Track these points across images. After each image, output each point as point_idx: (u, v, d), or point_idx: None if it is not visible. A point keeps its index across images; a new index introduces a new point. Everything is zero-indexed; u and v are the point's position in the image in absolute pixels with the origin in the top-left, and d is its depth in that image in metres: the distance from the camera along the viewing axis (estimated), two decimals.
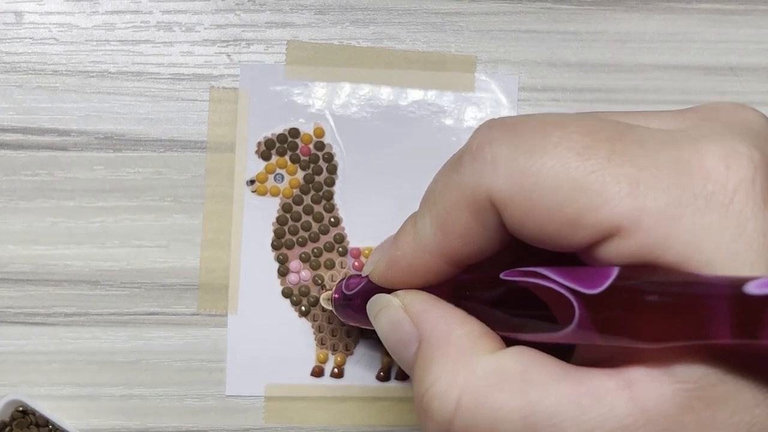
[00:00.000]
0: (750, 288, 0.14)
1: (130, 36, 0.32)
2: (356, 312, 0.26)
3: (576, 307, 0.17)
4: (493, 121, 0.19)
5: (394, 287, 0.22)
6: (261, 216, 0.33)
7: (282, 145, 0.33)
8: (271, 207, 0.33)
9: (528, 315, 0.19)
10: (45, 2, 0.32)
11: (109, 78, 0.32)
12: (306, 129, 0.33)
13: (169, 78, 0.33)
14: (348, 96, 0.33)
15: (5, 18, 0.32)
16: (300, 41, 0.33)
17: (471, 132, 0.33)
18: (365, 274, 0.24)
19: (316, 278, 0.33)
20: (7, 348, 0.32)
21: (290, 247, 0.33)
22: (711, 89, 0.34)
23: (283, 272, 0.33)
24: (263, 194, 0.33)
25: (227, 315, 0.33)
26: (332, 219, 0.33)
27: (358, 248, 0.33)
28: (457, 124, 0.33)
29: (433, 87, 0.33)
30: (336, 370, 0.33)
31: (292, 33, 0.33)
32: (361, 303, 0.25)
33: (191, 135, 0.33)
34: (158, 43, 0.32)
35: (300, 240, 0.33)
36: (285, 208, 0.33)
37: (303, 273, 0.33)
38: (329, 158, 0.33)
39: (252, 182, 0.33)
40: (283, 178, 0.33)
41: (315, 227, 0.33)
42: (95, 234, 0.32)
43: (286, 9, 0.33)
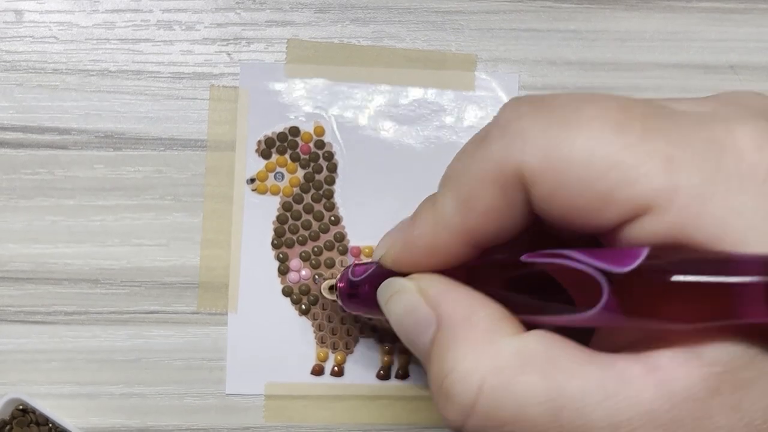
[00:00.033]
0: None
1: (131, 35, 0.32)
2: (363, 300, 0.25)
3: (604, 287, 0.17)
4: (521, 98, 0.19)
5: (408, 271, 0.22)
6: (261, 214, 0.33)
7: (282, 144, 0.33)
8: (272, 205, 0.33)
9: (547, 300, 0.18)
10: (45, 1, 0.32)
11: (110, 76, 0.32)
12: (306, 127, 0.33)
13: (170, 77, 0.33)
14: (348, 95, 0.33)
15: (5, 16, 0.32)
16: (300, 40, 0.33)
17: (471, 131, 0.33)
18: (375, 259, 0.23)
19: (316, 277, 0.33)
20: (7, 347, 0.32)
21: (290, 246, 0.33)
22: (711, 88, 0.34)
23: (284, 271, 0.33)
24: (263, 193, 0.33)
25: (227, 314, 0.33)
26: (332, 217, 0.33)
27: (358, 247, 0.33)
28: (458, 123, 0.33)
29: (434, 86, 0.33)
30: (336, 369, 0.33)
31: (293, 32, 0.33)
32: (369, 290, 0.25)
33: (191, 134, 0.33)
34: (158, 42, 0.32)
35: (300, 239, 0.33)
36: (285, 207, 0.33)
37: (303, 272, 0.33)
38: (329, 157, 0.33)
39: (252, 181, 0.33)
40: (284, 177, 0.33)
41: (315, 226, 0.33)
42: (95, 232, 0.32)
43: (287, 7, 0.33)
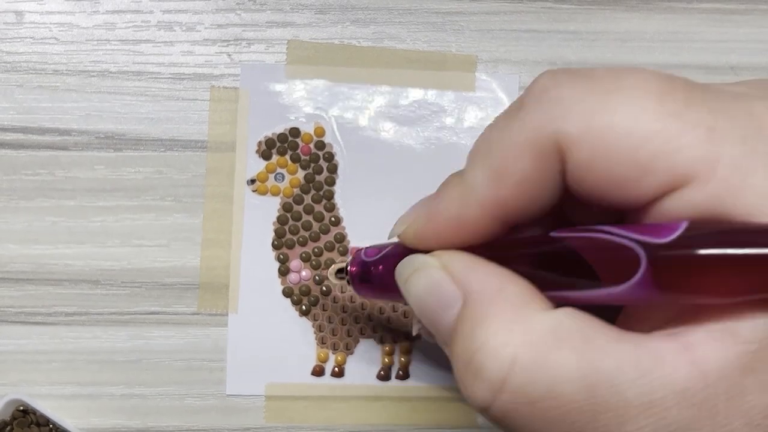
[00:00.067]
0: None
1: (131, 35, 0.32)
2: (378, 284, 0.24)
3: (642, 259, 0.16)
4: (555, 69, 0.19)
5: (430, 248, 0.21)
6: (261, 215, 0.33)
7: (282, 145, 0.33)
8: (272, 206, 0.33)
9: (573, 277, 0.18)
10: (45, 2, 0.32)
11: (110, 77, 0.32)
12: (306, 128, 0.33)
13: (170, 77, 0.33)
14: (348, 95, 0.33)
15: (6, 17, 0.32)
16: (300, 41, 0.33)
17: (472, 132, 0.33)
18: (392, 237, 0.22)
19: (317, 277, 0.33)
20: (8, 347, 0.32)
21: (291, 247, 0.33)
22: None
23: (284, 272, 0.33)
24: (264, 194, 0.33)
25: (228, 314, 0.33)
26: (333, 218, 0.33)
27: (359, 247, 0.33)
28: (458, 124, 0.33)
29: (434, 86, 0.33)
30: (336, 370, 0.33)
31: (293, 32, 0.33)
32: (384, 272, 0.24)
33: (192, 134, 0.33)
34: (159, 43, 0.32)
35: (300, 239, 0.33)
36: (285, 208, 0.33)
37: (304, 272, 0.33)
38: (330, 157, 0.33)
39: (252, 181, 0.33)
40: (284, 178, 0.33)
41: (315, 227, 0.33)
42: (96, 233, 0.32)
43: (287, 8, 0.33)
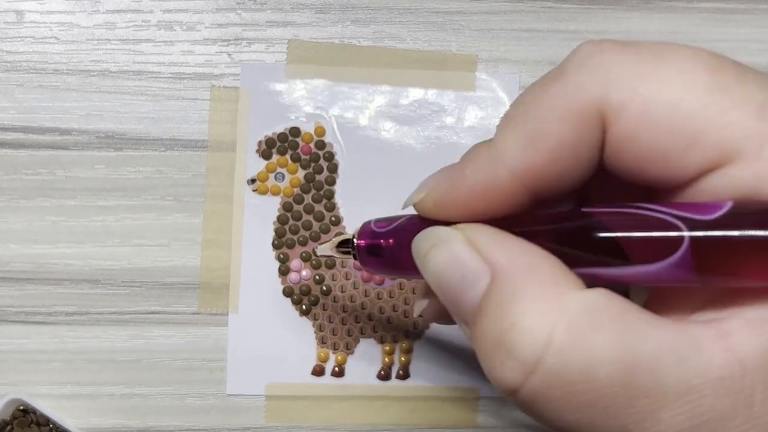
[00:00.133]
0: None
1: (131, 35, 0.32)
2: (389, 258, 0.22)
3: (685, 236, 0.16)
4: (599, 39, 0.18)
5: (450, 218, 0.19)
6: (262, 215, 0.33)
7: (283, 144, 0.33)
8: (272, 206, 0.33)
9: (603, 256, 0.17)
10: (46, 1, 0.32)
11: (110, 77, 0.32)
12: (307, 128, 0.33)
13: (170, 77, 0.33)
14: (349, 95, 0.33)
15: (6, 17, 0.32)
16: (301, 40, 0.33)
17: (472, 131, 0.33)
18: (407, 207, 0.21)
19: (317, 277, 0.33)
20: (8, 347, 0.32)
21: (291, 246, 0.33)
22: None
23: (284, 271, 0.33)
24: (264, 193, 0.33)
25: (228, 314, 0.33)
26: (333, 218, 0.33)
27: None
28: (458, 123, 0.33)
29: (434, 86, 0.33)
30: (337, 369, 0.33)
31: (293, 32, 0.33)
32: (395, 245, 0.21)
33: (192, 134, 0.33)
34: (159, 42, 0.32)
35: (301, 239, 0.33)
36: (286, 207, 0.33)
37: (304, 272, 0.33)
38: (330, 157, 0.33)
39: (253, 181, 0.33)
40: (284, 177, 0.33)
41: (316, 226, 0.33)
42: (96, 233, 0.32)
43: (287, 8, 0.33)
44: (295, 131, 0.33)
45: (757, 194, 0.16)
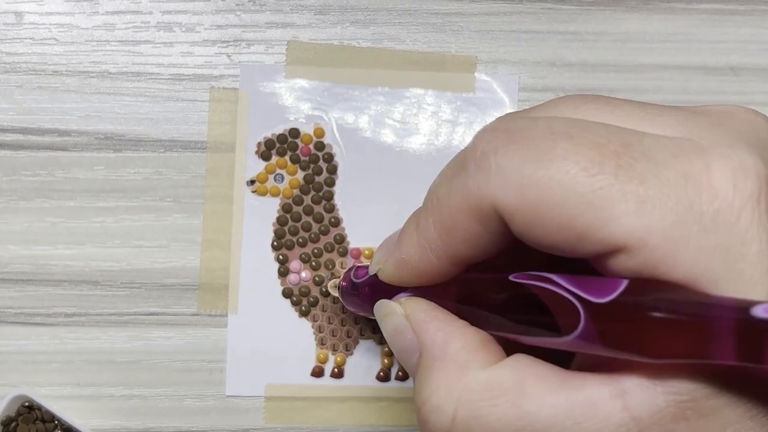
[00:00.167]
0: (757, 311, 0.14)
1: (131, 36, 0.32)
2: (363, 301, 0.26)
3: (582, 316, 0.17)
4: (497, 126, 0.19)
5: (403, 284, 0.23)
6: (261, 216, 0.33)
7: (282, 146, 0.33)
8: (271, 207, 0.33)
9: (533, 319, 0.19)
10: (45, 3, 0.32)
11: (110, 78, 0.32)
12: (306, 129, 0.33)
13: (170, 78, 0.33)
14: (348, 96, 0.33)
15: (5, 18, 0.32)
16: (300, 42, 0.33)
17: (472, 133, 0.33)
18: (371, 274, 0.24)
19: (317, 278, 0.33)
20: (7, 348, 0.32)
21: (290, 248, 0.33)
22: (711, 89, 0.34)
23: (284, 272, 0.33)
24: (263, 194, 0.33)
25: (227, 315, 0.33)
26: (332, 219, 0.33)
27: (359, 248, 0.33)
28: (457, 125, 0.33)
29: (434, 87, 0.33)
30: (336, 370, 0.33)
31: (293, 33, 0.33)
32: (369, 292, 0.25)
33: (191, 135, 0.33)
34: (158, 44, 0.32)
35: (300, 240, 0.33)
36: (285, 209, 0.33)
37: (303, 273, 0.33)
38: (329, 158, 0.33)
39: (252, 182, 0.33)
40: (283, 179, 0.33)
41: (315, 228, 0.33)
42: (95, 234, 0.32)
43: (287, 9, 0.33)
44: (295, 132, 0.33)
45: (652, 275, 0.17)
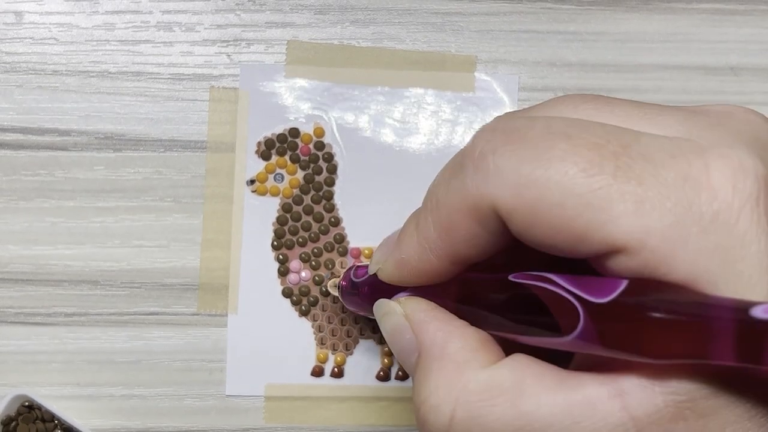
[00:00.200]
0: (756, 312, 0.14)
1: (130, 36, 0.32)
2: (363, 300, 0.26)
3: (581, 316, 0.17)
4: (496, 126, 0.19)
5: (402, 284, 0.23)
6: (261, 216, 0.33)
7: (282, 145, 0.33)
8: (271, 207, 0.33)
9: (532, 319, 0.19)
10: (45, 2, 0.32)
11: (109, 78, 0.32)
12: (306, 129, 0.33)
13: (169, 78, 0.33)
14: (348, 96, 0.33)
15: (5, 18, 0.32)
16: (300, 41, 0.33)
17: (471, 132, 0.33)
18: (371, 273, 0.24)
19: (317, 278, 0.33)
20: (7, 348, 0.32)
21: (290, 247, 0.33)
22: (711, 89, 0.34)
23: (284, 272, 0.33)
24: (263, 194, 0.33)
25: (227, 315, 0.33)
26: (332, 219, 0.33)
27: (359, 248, 0.33)
28: (457, 124, 0.33)
29: (433, 87, 0.33)
30: (336, 370, 0.33)
31: (292, 33, 0.33)
32: (369, 292, 0.25)
33: (191, 135, 0.33)
34: (158, 43, 0.32)
35: (300, 240, 0.33)
36: (285, 208, 0.33)
37: (303, 273, 0.33)
38: (329, 158, 0.33)
39: (252, 182, 0.33)
40: (283, 178, 0.33)
41: (315, 227, 0.33)
42: (95, 234, 0.32)
43: (286, 9, 0.33)
44: (295, 132, 0.33)
45: (651, 276, 0.17)
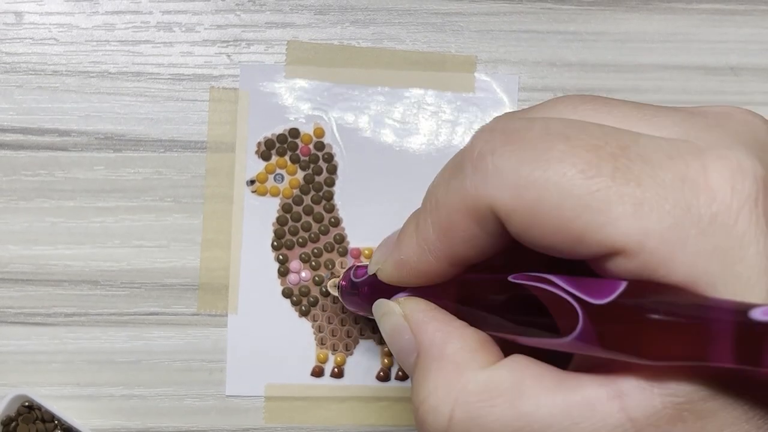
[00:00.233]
0: (755, 314, 0.14)
1: (130, 36, 0.32)
2: (363, 300, 0.26)
3: (580, 317, 0.17)
4: (495, 126, 0.19)
5: (402, 285, 0.23)
6: (261, 216, 0.33)
7: (282, 145, 0.33)
8: (271, 207, 0.33)
9: (532, 320, 0.19)
10: (45, 2, 0.32)
11: (109, 78, 0.32)
12: (306, 129, 0.33)
13: (169, 78, 0.33)
14: (348, 96, 0.33)
15: (5, 18, 0.32)
16: (300, 41, 0.33)
17: (471, 132, 0.33)
18: (371, 273, 0.24)
19: (317, 278, 0.33)
20: (7, 348, 0.32)
21: (290, 248, 0.33)
22: (711, 89, 0.34)
23: (284, 272, 0.33)
24: (263, 194, 0.33)
25: (227, 315, 0.33)
26: (332, 219, 0.33)
27: (358, 248, 0.33)
28: (457, 125, 0.33)
29: (433, 87, 0.33)
30: (336, 370, 0.33)
31: (292, 33, 0.33)
32: (368, 292, 0.26)
33: (191, 135, 0.33)
34: (158, 44, 0.32)
35: (300, 240, 0.33)
36: (285, 209, 0.33)
37: (303, 273, 0.33)
38: (329, 158, 0.33)
39: (252, 182, 0.33)
40: (283, 179, 0.33)
41: (315, 227, 0.33)
42: (95, 234, 0.32)
43: (286, 9, 0.33)
44: (295, 132, 0.33)
45: (651, 277, 0.17)
